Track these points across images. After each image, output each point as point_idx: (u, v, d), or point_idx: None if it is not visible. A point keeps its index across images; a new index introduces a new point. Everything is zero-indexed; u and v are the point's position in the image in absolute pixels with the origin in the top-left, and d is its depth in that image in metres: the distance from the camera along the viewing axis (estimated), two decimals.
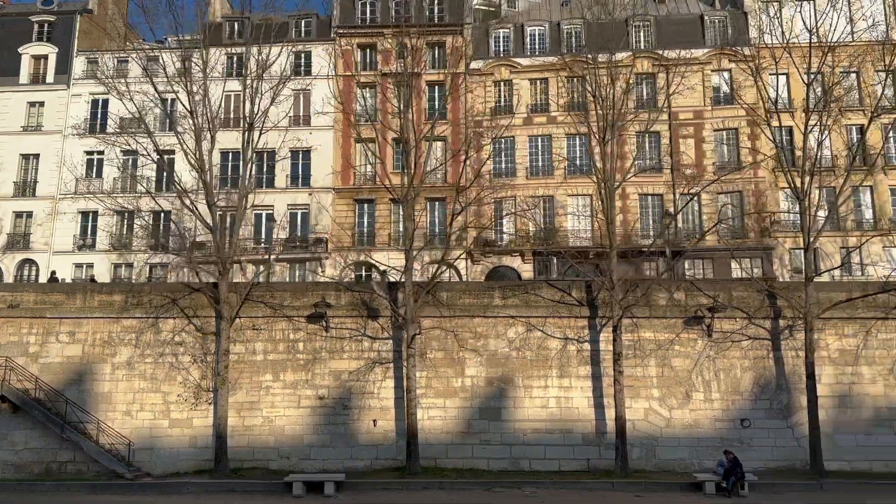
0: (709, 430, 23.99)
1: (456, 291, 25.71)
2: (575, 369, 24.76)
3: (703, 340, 24.72)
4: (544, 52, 43.93)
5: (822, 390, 24.00)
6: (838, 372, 24.21)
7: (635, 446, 23.90)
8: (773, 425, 23.87)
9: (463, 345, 25.04)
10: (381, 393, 24.70)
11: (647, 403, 24.38)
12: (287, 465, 23.94)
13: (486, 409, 24.52)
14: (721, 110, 42.04)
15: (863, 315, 24.34)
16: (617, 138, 27.72)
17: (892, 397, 23.86)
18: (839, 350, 24.36)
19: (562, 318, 25.10)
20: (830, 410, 23.91)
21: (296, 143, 42.99)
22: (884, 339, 24.31)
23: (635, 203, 42.20)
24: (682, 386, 24.43)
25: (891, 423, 23.67)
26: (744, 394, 24.27)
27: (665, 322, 24.92)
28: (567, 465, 23.82)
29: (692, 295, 24.96)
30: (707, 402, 24.29)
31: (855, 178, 27.95)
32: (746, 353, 24.56)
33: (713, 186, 41.55)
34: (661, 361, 24.64)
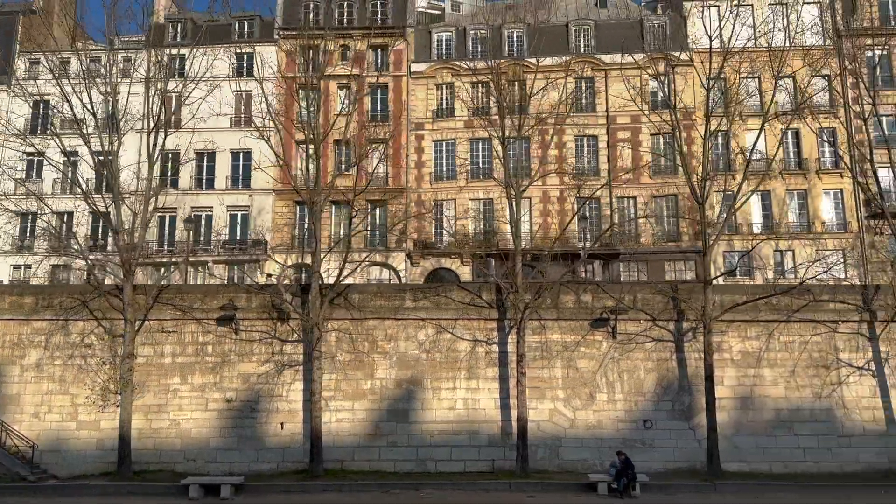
0: (611, 430, 24.23)
1: (368, 294, 25.81)
2: (483, 371, 24.94)
3: (609, 342, 24.98)
4: (486, 55, 44.18)
5: (724, 392, 24.38)
6: (740, 374, 24.54)
7: (539, 447, 24.12)
8: (675, 426, 24.15)
9: (373, 347, 25.16)
10: (290, 396, 24.74)
11: (553, 404, 24.60)
12: (193, 467, 23.91)
13: (395, 411, 24.64)
14: (658, 114, 42.43)
15: (765, 318, 24.69)
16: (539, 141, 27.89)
17: (792, 399, 24.20)
18: (741, 352, 24.70)
19: (471, 320, 25.28)
20: (732, 412, 24.25)
21: (236, 144, 43.20)
22: (786, 341, 24.66)
23: (571, 206, 42.67)
24: (587, 387, 24.67)
25: (790, 425, 23.99)
26: (647, 395, 24.55)
27: (572, 324, 25.16)
28: (472, 466, 23.98)
29: (599, 297, 25.21)
30: (611, 403, 24.55)
31: (752, 183, 28.26)
32: (650, 354, 24.84)
33: (650, 190, 42.41)
34: (567, 363, 24.87)
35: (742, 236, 40.71)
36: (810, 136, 41.17)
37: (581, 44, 44.19)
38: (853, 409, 23.99)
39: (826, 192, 41.23)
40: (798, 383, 24.27)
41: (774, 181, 41.68)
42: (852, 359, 24.38)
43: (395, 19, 44.84)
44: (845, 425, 23.88)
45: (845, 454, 23.55)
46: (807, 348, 24.50)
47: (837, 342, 24.54)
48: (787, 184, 41.29)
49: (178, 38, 45.57)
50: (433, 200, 42.93)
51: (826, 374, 24.27)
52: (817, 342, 24.54)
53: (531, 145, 43.14)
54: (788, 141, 41.89)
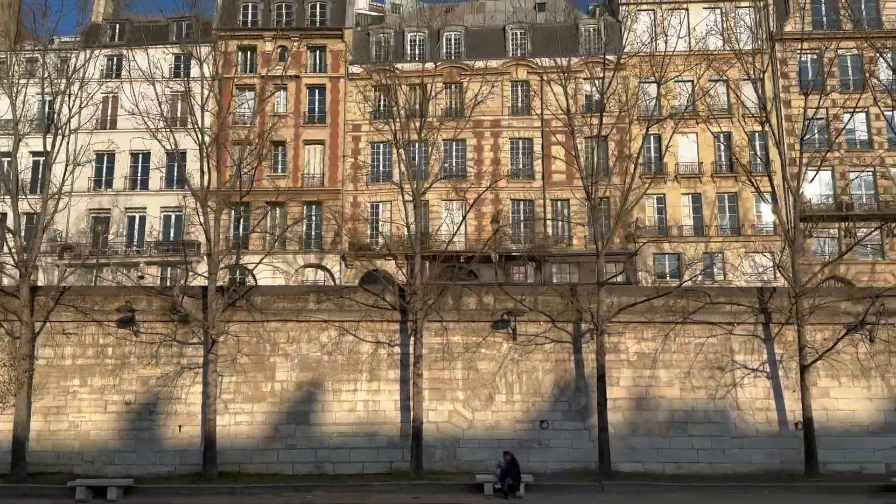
0: (509, 431, 24.39)
1: (271, 296, 25.80)
2: (385, 372, 25.03)
3: (509, 343, 25.15)
4: (424, 57, 44.33)
5: (619, 392, 24.65)
6: (636, 375, 24.78)
7: (438, 448, 24.25)
8: (571, 426, 24.35)
9: (275, 349, 25.17)
10: (189, 398, 24.69)
11: (452, 405, 24.73)
12: (91, 469, 23.79)
13: (295, 414, 24.66)
14: (589, 117, 42.77)
15: (661, 319, 24.95)
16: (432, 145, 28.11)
17: (687, 400, 24.47)
18: (638, 353, 24.94)
19: (374, 322, 25.35)
20: (627, 412, 24.50)
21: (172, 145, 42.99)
22: (682, 342, 24.93)
23: (507, 208, 42.97)
24: (487, 388, 24.82)
25: (685, 426, 24.25)
26: (544, 395, 24.75)
27: (473, 325, 25.29)
28: (371, 467, 24.04)
29: (501, 299, 25.36)
30: (509, 404, 24.71)
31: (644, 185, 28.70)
32: (549, 355, 25.04)
33: (582, 193, 42.63)
34: (468, 364, 25.01)
35: (671, 239, 41.20)
36: (742, 139, 41.65)
37: (518, 47, 44.49)
38: (747, 410, 24.29)
39: (754, 194, 41.72)
40: (693, 384, 24.55)
41: (706, 184, 42.27)
42: (747, 360, 24.69)
43: (334, 21, 44.93)
44: (739, 426, 24.17)
45: (738, 455, 23.83)
46: (703, 350, 24.78)
47: (733, 344, 24.84)
48: (717, 186, 41.79)
49: (116, 39, 45.53)
50: (369, 202, 43.14)
51: (721, 375, 24.56)
52: (713, 344, 24.82)
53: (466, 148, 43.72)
54: (721, 144, 42.48)
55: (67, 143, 26.42)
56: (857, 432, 23.88)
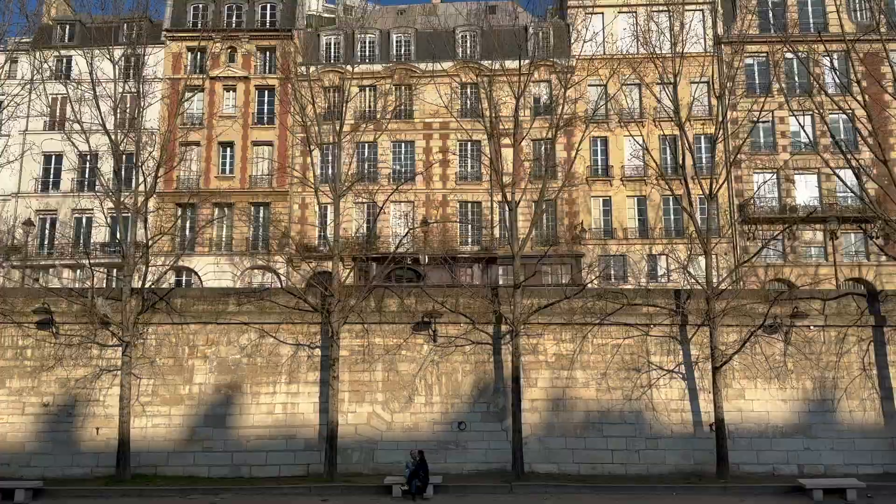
0: (427, 432, 24.45)
1: (190, 298, 25.77)
2: (304, 375, 25.03)
3: (430, 345, 25.21)
4: (375, 59, 44.44)
5: (537, 394, 24.78)
6: (554, 376, 24.89)
7: (356, 450, 24.31)
8: (489, 428, 24.42)
9: (193, 352, 25.14)
10: (107, 401, 24.59)
11: (371, 407, 24.77)
12: (7, 472, 23.69)
13: (212, 417, 24.63)
14: (538, 120, 42.93)
15: (580, 321, 25.08)
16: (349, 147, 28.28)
17: (603, 401, 24.60)
18: (556, 355, 25.05)
19: (295, 325, 25.35)
20: (544, 413, 24.62)
21: None
22: (599, 343, 25.06)
23: (454, 210, 43.04)
24: (406, 390, 24.87)
25: (600, 427, 24.37)
26: (463, 397, 24.81)
27: (394, 327, 25.33)
28: (288, 470, 24.03)
29: (423, 301, 25.42)
30: (428, 406, 24.77)
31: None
32: (469, 357, 25.11)
33: (530, 195, 42.84)
34: (389, 366, 25.05)
35: (617, 241, 41.43)
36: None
37: (467, 49, 44.60)
38: (662, 411, 24.44)
39: (701, 197, 41.96)
40: (609, 385, 24.68)
41: (651, 187, 42.49)
42: (663, 362, 24.84)
43: (284, 22, 44.90)
44: (654, 427, 24.31)
45: (652, 456, 23.97)
46: (619, 351, 24.92)
47: (650, 345, 24.98)
48: (662, 189, 42.01)
49: (66, 40, 45.30)
50: (318, 203, 43.05)
51: (637, 376, 24.70)
52: (630, 345, 24.96)
53: (415, 150, 43.82)
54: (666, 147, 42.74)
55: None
56: (771, 434, 24.06)
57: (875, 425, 23.95)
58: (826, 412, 24.18)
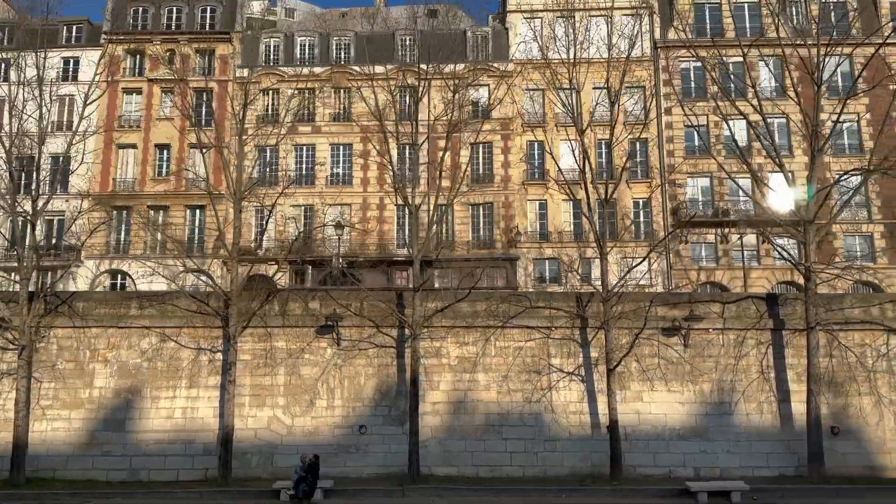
0: (328, 436, 24.43)
1: (93, 301, 25.63)
2: (205, 379, 24.94)
3: (333, 349, 25.19)
4: (314, 62, 44.41)
5: (439, 397, 24.83)
6: (456, 379, 24.93)
7: (255, 454, 24.26)
8: (391, 431, 24.40)
9: (94, 356, 25.01)
10: (7, 405, 24.38)
11: (272, 412, 24.72)
12: None
13: (112, 421, 24.50)
14: (477, 124, 43.05)
15: (482, 324, 25.15)
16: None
17: (503, 403, 24.65)
18: (459, 357, 25.09)
19: (197, 329, 25.25)
20: (445, 416, 24.65)
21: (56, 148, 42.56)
22: (502, 346, 25.13)
23: (392, 213, 43.08)
24: (308, 394, 24.83)
25: (500, 429, 24.42)
26: (365, 400, 24.81)
27: (297, 331, 25.29)
28: (186, 474, 23.93)
29: (327, 304, 25.39)
30: (329, 410, 24.75)
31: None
32: (372, 360, 25.11)
33: (467, 198, 43.01)
34: (291, 370, 25.00)
35: (552, 244, 41.57)
36: (621, 146, 42.20)
37: (406, 53, 44.69)
38: (561, 413, 24.53)
39: (635, 201, 42.28)
40: (510, 388, 24.74)
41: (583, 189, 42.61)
42: (563, 364, 24.93)
43: (223, 25, 44.81)
44: (552, 429, 24.39)
45: (550, 458, 24.04)
46: (521, 353, 24.98)
47: (551, 348, 25.07)
48: (596, 193, 42.11)
49: (5, 42, 44.99)
50: (254, 206, 42.98)
51: (538, 378, 24.77)
52: (531, 348, 25.04)
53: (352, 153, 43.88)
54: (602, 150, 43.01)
55: None
56: (668, 436, 24.19)
57: (772, 428, 24.13)
58: (723, 415, 24.34)
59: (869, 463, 23.69)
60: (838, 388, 24.30)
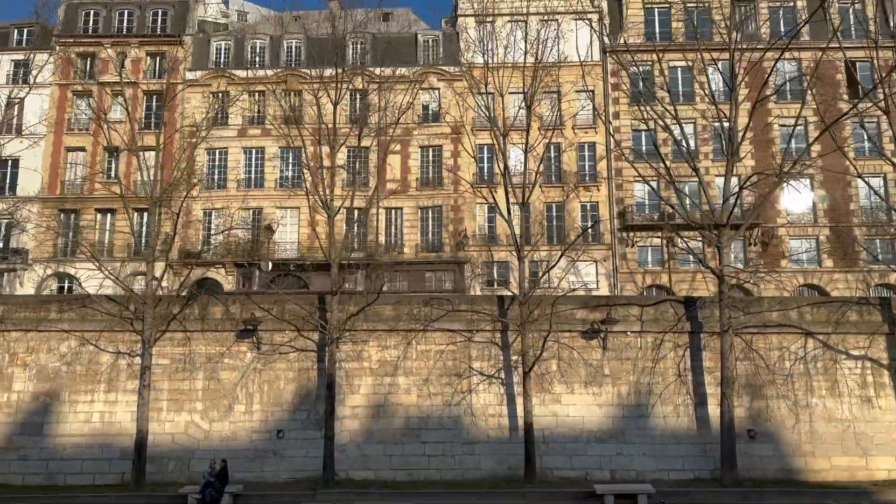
0: (246, 441, 24.35)
1: (13, 305, 25.53)
2: (123, 384, 24.86)
3: (253, 353, 25.14)
4: (265, 65, 44.34)
5: (359, 400, 24.81)
6: (377, 382, 24.91)
7: (172, 459, 24.16)
8: (309, 435, 24.33)
9: (13, 360, 24.89)
10: None
11: (190, 416, 24.63)
12: None
13: (29, 425, 24.38)
14: (427, 128, 43.18)
15: (404, 328, 25.16)
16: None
17: (423, 406, 24.64)
18: (380, 361, 25.08)
19: (116, 333, 25.16)
20: (365, 420, 24.62)
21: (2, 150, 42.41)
22: (423, 349, 25.13)
23: (341, 215, 42.89)
24: (227, 398, 24.76)
25: (419, 432, 24.40)
26: (284, 405, 24.74)
27: (218, 335, 25.23)
28: (103, 479, 23.82)
29: (248, 308, 25.31)
30: (248, 414, 24.68)
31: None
32: (293, 364, 25.06)
33: (416, 202, 43.09)
34: (210, 374, 24.93)
35: (500, 247, 41.58)
36: (571, 150, 42.41)
37: (358, 56, 44.70)
38: (480, 416, 24.53)
39: (583, 204, 42.38)
40: (431, 391, 24.73)
41: (534, 193, 42.68)
42: (484, 367, 24.94)
43: (175, 28, 44.69)
44: (471, 432, 24.38)
45: (468, 461, 24.04)
46: (442, 357, 24.99)
47: (472, 351, 25.09)
48: (546, 196, 42.33)
49: None
50: (202, 209, 42.92)
51: (458, 382, 24.78)
52: (453, 351, 25.06)
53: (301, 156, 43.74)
54: (551, 154, 43.15)
55: None
56: (585, 438, 24.22)
57: (688, 431, 24.20)
58: (640, 417, 24.40)
59: (785, 466, 23.77)
60: (756, 391, 24.41)
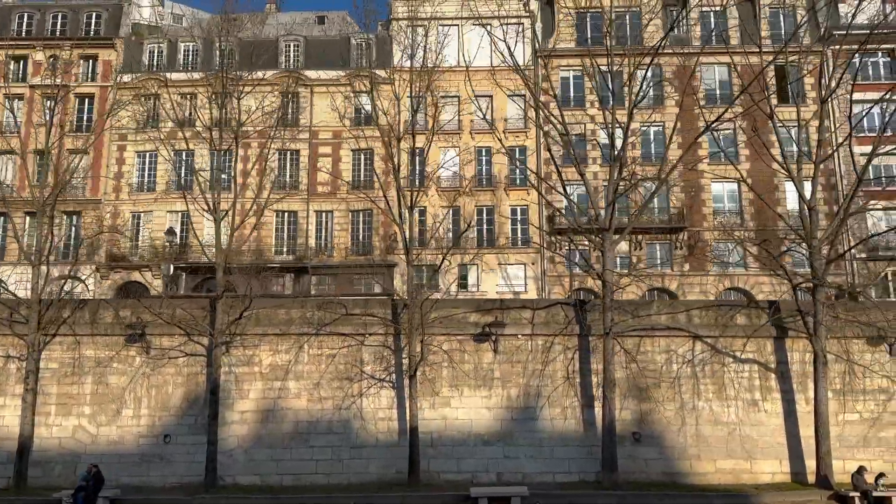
0: (132, 446, 24.22)
1: None
2: (12, 387, 24.68)
3: (142, 357, 25.01)
4: (196, 68, 44.18)
5: (248, 405, 24.73)
6: (267, 387, 24.82)
7: (59, 463, 24.03)
8: (196, 440, 24.14)
9: None
10: None
11: (78, 420, 24.47)
12: None
13: None
14: (359, 130, 43.14)
15: (296, 331, 25.11)
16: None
17: (313, 411, 24.57)
18: (271, 365, 24.99)
19: (6, 336, 24.96)
20: (254, 425, 24.53)
21: None
22: (315, 354, 25.07)
23: (271, 219, 42.91)
24: (115, 403, 24.62)
25: (308, 437, 24.33)
26: (172, 410, 24.63)
27: (108, 339, 25.09)
28: None
29: (138, 312, 25.20)
30: (135, 419, 24.54)
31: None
32: (181, 369, 24.94)
33: (346, 204, 43.08)
34: (99, 378, 24.77)
35: (430, 251, 41.60)
36: (501, 154, 42.52)
37: (290, 59, 44.71)
38: (370, 420, 24.50)
39: (513, 208, 42.54)
40: (321, 395, 24.69)
41: (465, 196, 42.90)
42: (376, 371, 24.93)
43: (108, 31, 44.52)
44: (360, 436, 24.34)
45: (356, 465, 23.99)
46: (334, 361, 24.94)
47: (364, 355, 25.05)
48: (476, 200, 42.45)
49: None
50: (130, 212, 42.73)
51: (349, 386, 24.74)
52: (345, 355, 25.00)
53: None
54: (483, 158, 43.41)
55: None
56: (473, 442, 24.22)
57: (575, 433, 24.27)
58: (528, 420, 24.44)
59: (669, 469, 23.88)
60: (643, 393, 24.52)
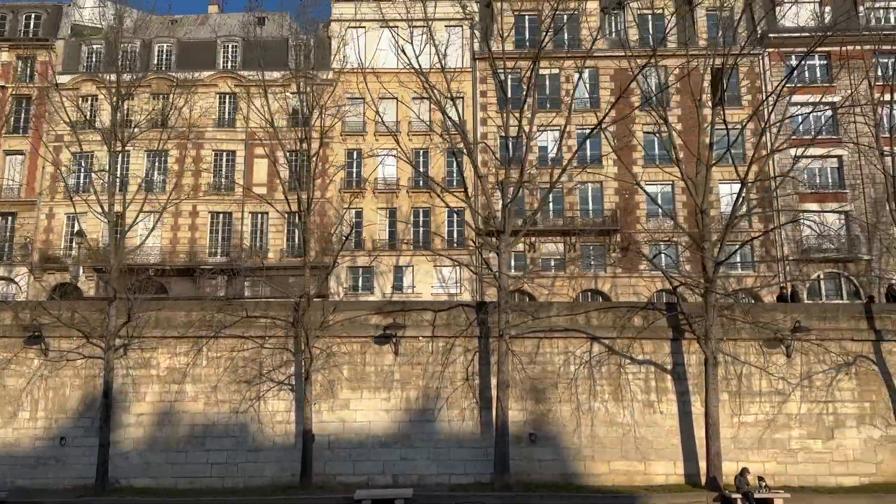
0: (28, 448, 24.10)
1: None
2: None
3: (40, 359, 24.91)
4: (136, 69, 43.98)
5: (145, 408, 24.66)
6: (164, 390, 24.75)
7: None
8: (93, 443, 23.89)
9: None
10: None
11: None
12: None
13: None
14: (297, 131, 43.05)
15: (194, 334, 25.05)
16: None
17: (209, 414, 24.51)
18: (169, 368, 24.92)
19: None
20: (150, 428, 24.45)
21: None
22: (214, 356, 25.02)
23: (206, 220, 42.84)
24: (11, 405, 24.51)
25: (203, 440, 24.25)
26: (69, 412, 24.53)
27: (6, 341, 24.98)
28: None
29: (36, 315, 25.09)
30: (32, 421, 24.43)
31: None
32: (79, 371, 24.84)
33: (281, 206, 42.94)
34: None
35: (366, 252, 41.66)
36: (439, 157, 42.55)
37: (227, 60, 44.67)
38: (267, 423, 24.45)
39: (450, 210, 42.53)
40: (219, 398, 24.63)
41: (402, 199, 42.94)
42: (275, 374, 24.89)
43: (47, 32, 44.36)
44: (257, 439, 24.30)
45: (251, 469, 23.93)
46: (233, 363, 24.90)
47: (264, 358, 25.03)
48: (413, 202, 42.48)
49: None
50: (65, 214, 42.52)
51: (248, 389, 24.70)
52: (245, 357, 24.95)
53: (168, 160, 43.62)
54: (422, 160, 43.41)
55: None
56: (371, 444, 24.21)
57: (472, 434, 24.30)
58: (426, 422, 24.45)
59: (564, 470, 23.94)
60: (540, 394, 24.60)
